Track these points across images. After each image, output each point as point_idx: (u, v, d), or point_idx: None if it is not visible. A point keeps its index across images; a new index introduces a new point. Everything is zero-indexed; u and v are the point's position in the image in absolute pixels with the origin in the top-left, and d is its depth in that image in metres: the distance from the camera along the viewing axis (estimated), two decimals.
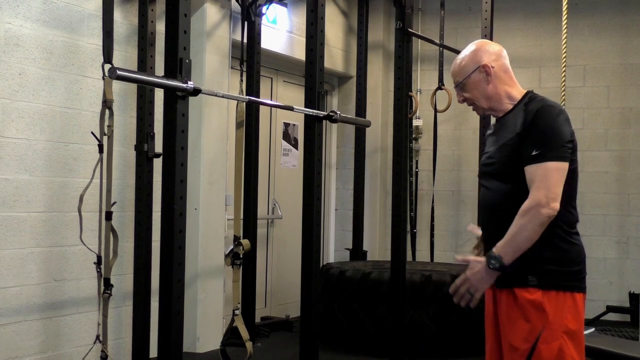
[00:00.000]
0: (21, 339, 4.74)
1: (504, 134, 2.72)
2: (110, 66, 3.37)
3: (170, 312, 3.56)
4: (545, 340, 2.54)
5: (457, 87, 2.82)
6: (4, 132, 4.59)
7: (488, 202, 2.75)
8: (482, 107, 2.79)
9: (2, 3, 4.47)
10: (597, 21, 7.65)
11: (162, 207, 3.63)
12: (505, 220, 2.61)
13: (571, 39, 6.61)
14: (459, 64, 2.81)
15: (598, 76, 7.70)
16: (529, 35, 7.73)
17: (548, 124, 2.57)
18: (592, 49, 7.67)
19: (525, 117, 2.63)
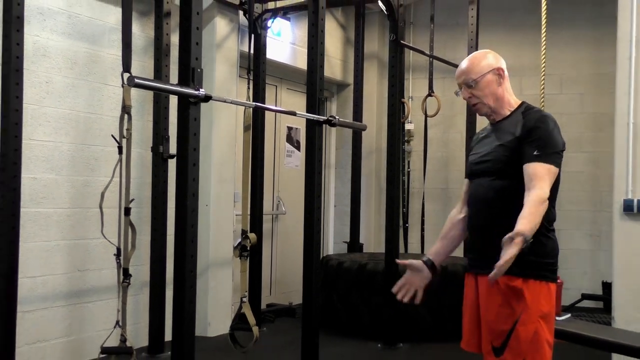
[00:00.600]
0: (48, 324, 4.74)
1: (500, 136, 2.71)
2: (128, 75, 3.36)
3: (184, 300, 3.56)
4: (523, 322, 2.56)
5: (468, 84, 2.75)
6: (33, 135, 4.59)
7: (480, 198, 2.73)
8: (489, 105, 2.75)
9: (30, 17, 4.46)
10: (573, 34, 7.65)
11: (176, 204, 3.63)
12: (497, 213, 2.65)
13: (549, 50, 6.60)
14: (475, 63, 2.76)
15: (574, 84, 7.71)
16: (511, 47, 7.72)
17: (547, 132, 2.62)
18: (568, 60, 7.67)
19: (525, 123, 2.66)
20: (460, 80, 2.79)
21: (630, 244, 4.75)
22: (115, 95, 5.05)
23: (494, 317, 2.61)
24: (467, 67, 2.77)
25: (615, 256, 4.82)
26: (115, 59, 5.07)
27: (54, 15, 4.76)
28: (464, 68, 2.78)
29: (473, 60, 2.78)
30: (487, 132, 2.86)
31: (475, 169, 2.79)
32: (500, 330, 2.58)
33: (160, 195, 5.23)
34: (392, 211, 5.92)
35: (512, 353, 2.55)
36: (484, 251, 2.69)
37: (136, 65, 5.21)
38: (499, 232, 2.63)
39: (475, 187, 2.77)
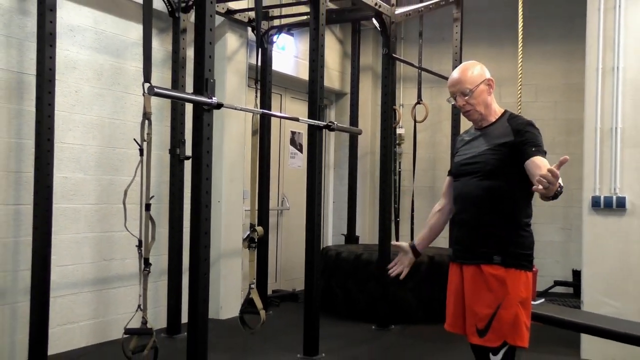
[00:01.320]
0: (77, 307, 4.75)
1: (489, 141, 2.69)
2: (149, 85, 3.35)
3: (198, 286, 3.56)
4: (504, 307, 2.56)
5: (464, 93, 2.71)
6: (64, 139, 4.59)
7: (468, 196, 2.71)
8: (480, 112, 2.72)
9: (61, 34, 4.46)
10: (547, 49, 7.64)
11: (191, 200, 3.63)
12: (484, 210, 2.65)
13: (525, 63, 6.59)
14: (469, 74, 2.72)
15: (547, 93, 7.70)
16: (491, 60, 7.69)
17: (536, 135, 2.62)
18: (542, 71, 7.67)
19: (514, 128, 2.64)
20: (455, 89, 2.74)
21: (597, 236, 4.75)
22: (137, 103, 5.05)
23: (478, 302, 2.60)
24: (462, 78, 2.73)
25: (584, 247, 4.82)
26: (137, 70, 5.07)
27: (83, 31, 4.76)
28: (459, 78, 2.73)
29: (466, 71, 2.74)
30: (472, 135, 2.83)
31: (463, 169, 2.76)
32: (484, 314, 2.57)
33: (177, 192, 5.23)
34: (384, 207, 5.92)
35: (495, 334, 2.55)
36: (469, 244, 2.68)
37: (156, 76, 5.22)
38: (484, 227, 2.64)
39: (462, 186, 2.75)
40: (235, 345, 4.88)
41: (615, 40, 4.75)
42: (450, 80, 2.79)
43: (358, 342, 5.21)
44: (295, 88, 7.37)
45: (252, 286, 4.14)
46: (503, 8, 7.54)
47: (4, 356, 4.24)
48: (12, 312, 4.29)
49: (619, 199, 4.68)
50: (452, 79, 2.77)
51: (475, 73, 2.73)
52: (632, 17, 4.72)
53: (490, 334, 2.56)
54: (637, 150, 4.70)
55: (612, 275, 4.68)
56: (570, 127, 7.50)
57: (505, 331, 2.55)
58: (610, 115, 4.75)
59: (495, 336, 2.55)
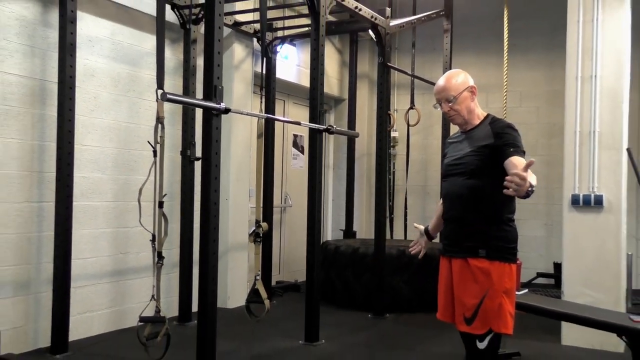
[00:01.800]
0: (96, 297, 4.75)
1: (472, 143, 2.69)
2: (162, 91, 3.36)
3: (208, 277, 3.57)
4: (490, 297, 2.56)
5: (449, 100, 2.71)
6: (83, 141, 4.60)
7: (454, 194, 2.71)
8: (463, 117, 2.73)
9: (81, 44, 4.47)
10: (530, 58, 7.65)
11: (201, 198, 3.64)
12: (468, 207, 2.65)
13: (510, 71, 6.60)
14: (453, 83, 2.72)
15: (530, 99, 7.71)
16: (478, 68, 7.71)
17: (515, 136, 2.63)
18: (526, 79, 7.67)
19: (494, 131, 2.64)
20: (440, 96, 2.74)
21: (576, 232, 4.75)
22: (150, 108, 5.05)
23: (466, 292, 2.61)
24: (446, 85, 2.72)
25: (565, 241, 4.83)
26: (151, 78, 5.07)
27: (101, 42, 4.76)
28: (444, 86, 2.73)
29: (450, 80, 2.74)
30: (458, 138, 2.84)
31: (450, 170, 2.76)
32: (471, 304, 2.58)
33: (188, 191, 5.24)
34: (380, 204, 5.93)
35: (481, 322, 2.56)
36: (457, 239, 2.69)
37: (168, 83, 5.23)
38: (470, 223, 2.64)
39: (449, 185, 2.76)
40: (242, 332, 4.89)
41: (593, 51, 4.75)
42: (435, 88, 2.79)
43: (355, 330, 5.21)
44: (297, 94, 7.38)
45: (258, 277, 4.15)
46: (490, 21, 7.55)
47: (28, 341, 4.25)
48: (36, 301, 4.29)
49: (596, 197, 4.68)
50: (437, 86, 2.77)
51: (459, 81, 2.73)
52: (609, 30, 4.73)
53: (477, 322, 2.56)
54: (613, 153, 4.70)
55: (590, 267, 4.68)
56: (551, 130, 7.51)
57: (490, 319, 2.55)
58: (588, 120, 4.75)
59: (481, 324, 2.56)
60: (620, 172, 4.69)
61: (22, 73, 4.19)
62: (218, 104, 3.55)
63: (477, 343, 2.58)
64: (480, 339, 2.58)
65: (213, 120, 3.58)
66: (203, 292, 3.58)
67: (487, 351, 2.58)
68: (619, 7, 4.72)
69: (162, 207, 3.46)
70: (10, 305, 4.13)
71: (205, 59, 3.59)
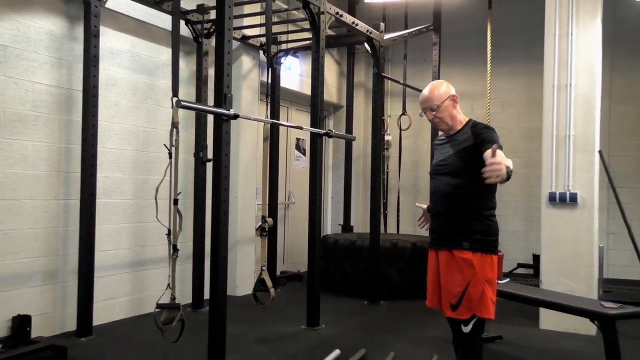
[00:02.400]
0: (116, 286, 4.76)
1: (455, 146, 2.69)
2: (177, 99, 3.36)
3: (218, 268, 3.57)
4: (473, 285, 2.57)
5: (432, 108, 2.72)
6: (105, 144, 4.61)
7: (440, 192, 2.72)
8: (447, 123, 2.73)
9: (103, 56, 4.47)
10: (511, 69, 7.65)
11: (212, 196, 3.64)
12: (453, 203, 2.65)
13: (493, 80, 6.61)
14: (435, 94, 2.72)
15: (511, 106, 7.71)
16: (464, 78, 7.72)
17: (492, 134, 2.61)
18: (507, 87, 7.68)
19: (474, 133, 2.65)
20: (425, 105, 2.75)
21: (553, 226, 4.76)
22: (166, 114, 5.06)
23: (451, 281, 2.61)
24: (430, 96, 2.73)
25: (543, 235, 4.83)
26: (167, 87, 5.08)
27: (121, 54, 4.77)
28: (428, 96, 2.74)
29: (434, 90, 2.74)
30: (443, 141, 2.84)
31: (436, 170, 2.78)
32: (456, 292, 2.58)
33: (200, 189, 5.24)
34: (375, 201, 5.93)
35: (465, 308, 2.57)
36: (443, 233, 2.69)
37: (182, 92, 5.24)
38: (455, 218, 2.65)
39: (436, 184, 2.77)
40: (249, 318, 4.89)
41: (568, 62, 4.75)
42: (420, 97, 2.79)
43: (353, 315, 5.21)
44: (300, 101, 7.38)
45: (264, 268, 4.15)
46: (475, 35, 7.55)
47: (56, 326, 4.26)
48: (63, 289, 4.30)
49: (571, 194, 4.69)
50: (422, 97, 2.78)
51: (441, 91, 2.73)
52: (582, 43, 4.73)
53: (461, 308, 2.57)
54: (586, 154, 4.71)
55: (566, 258, 4.69)
56: (530, 134, 7.51)
57: (473, 306, 2.56)
58: (564, 125, 4.76)
59: (465, 310, 2.57)
60: (593, 172, 4.70)
61: (51, 83, 4.19)
62: (228, 110, 3.55)
63: (462, 327, 2.59)
64: (465, 324, 2.59)
65: (223, 125, 3.59)
66: (214, 281, 3.58)
67: (471, 334, 2.59)
68: (591, 23, 4.72)
69: (176, 204, 3.46)
70: (40, 293, 4.14)
71: (216, 69, 3.60)
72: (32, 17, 4.06)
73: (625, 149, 7.22)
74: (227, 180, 3.62)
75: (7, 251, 3.93)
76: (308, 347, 4.10)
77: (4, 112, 3.91)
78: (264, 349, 4.03)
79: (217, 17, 3.60)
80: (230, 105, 3.58)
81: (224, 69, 3.55)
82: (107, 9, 4.53)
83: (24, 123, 4.02)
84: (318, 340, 4.33)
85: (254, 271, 5.99)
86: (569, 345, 4.30)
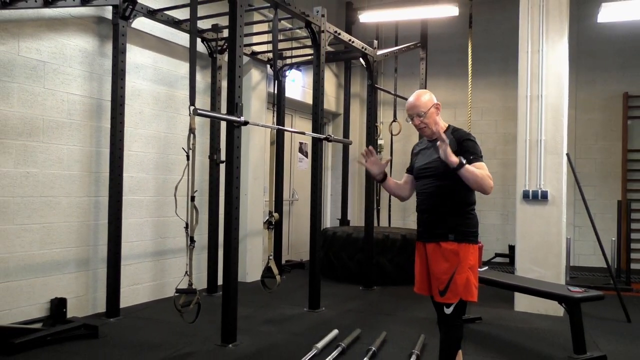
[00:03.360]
0: (141, 273, 4.77)
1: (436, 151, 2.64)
2: (193, 107, 3.38)
3: (230, 257, 3.59)
4: (458, 272, 2.56)
5: (419, 115, 2.67)
6: (131, 148, 4.62)
7: (426, 192, 2.69)
8: (432, 129, 2.69)
9: (130, 70, 4.49)
10: (489, 81, 7.65)
11: (225, 193, 3.65)
12: (437, 202, 2.64)
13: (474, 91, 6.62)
14: (422, 101, 2.68)
15: (490, 114, 7.71)
16: (448, 89, 7.73)
17: (474, 144, 2.63)
18: (486, 97, 7.68)
19: (457, 140, 2.63)
20: (412, 111, 2.71)
21: (526, 220, 4.77)
22: (184, 121, 5.07)
23: (439, 270, 2.59)
24: (417, 103, 2.70)
25: (517, 228, 4.84)
26: (185, 97, 5.10)
27: (145, 68, 4.78)
28: (415, 103, 2.70)
29: (420, 98, 2.71)
30: (425, 144, 2.80)
31: (422, 173, 2.73)
32: (443, 279, 2.57)
33: (214, 188, 5.25)
34: (369, 198, 5.94)
35: (452, 293, 2.55)
36: (430, 227, 2.67)
37: (199, 101, 5.25)
38: (440, 214, 2.63)
39: (422, 185, 2.73)
40: (258, 302, 4.90)
41: (539, 75, 4.77)
42: (408, 104, 2.74)
43: (350, 299, 5.22)
44: (302, 110, 7.39)
45: (270, 257, 4.15)
46: (457, 51, 7.57)
47: (88, 308, 4.28)
48: (94, 275, 4.32)
49: (542, 192, 4.70)
50: (409, 104, 2.73)
51: (426, 99, 2.70)
52: (551, 58, 4.74)
53: (449, 293, 2.55)
54: (555, 157, 4.72)
55: (537, 248, 4.70)
56: (506, 139, 7.52)
57: (459, 291, 2.55)
58: (536, 130, 4.77)
59: (452, 294, 2.55)
60: (561, 172, 4.71)
61: (83, 93, 4.21)
62: (239, 117, 3.57)
63: (445, 309, 2.59)
64: (447, 306, 2.58)
65: (235, 131, 3.60)
66: (227, 269, 3.60)
67: (452, 316, 2.58)
68: (559, 41, 4.74)
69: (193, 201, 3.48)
70: (74, 278, 4.16)
71: (229, 81, 3.61)
72: (68, 36, 4.08)
73: (589, 152, 7.23)
74: (238, 179, 3.64)
75: (45, 242, 3.95)
76: (310, 327, 4.12)
77: (43, 120, 3.93)
78: (270, 329, 4.05)
79: (230, 35, 3.62)
80: (241, 113, 3.60)
81: (236, 81, 3.56)
82: (133, 29, 4.55)
83: (60, 129, 4.04)
84: (319, 321, 4.34)
85: (262, 260, 6.00)
86: (540, 325, 4.32)
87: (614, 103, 7.13)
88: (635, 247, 6.69)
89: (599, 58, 7.21)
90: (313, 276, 4.68)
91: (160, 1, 4.73)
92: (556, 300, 3.68)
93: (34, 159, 3.87)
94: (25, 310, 3.80)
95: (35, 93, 3.87)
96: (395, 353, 3.50)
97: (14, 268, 3.74)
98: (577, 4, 7.09)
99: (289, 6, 4.24)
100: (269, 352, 3.47)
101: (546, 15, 4.75)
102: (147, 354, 3.39)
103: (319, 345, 3.49)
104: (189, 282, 3.40)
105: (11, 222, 3.73)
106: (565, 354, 3.55)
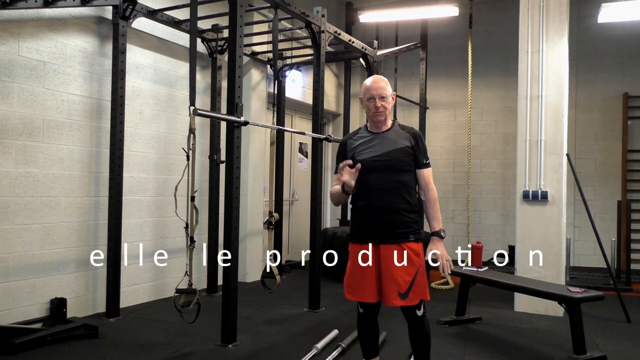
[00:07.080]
0: (141, 272, 4.78)
1: (393, 142, 2.56)
2: (193, 108, 3.38)
3: (230, 257, 3.58)
4: (420, 273, 2.52)
5: (383, 97, 2.56)
6: (131, 148, 4.62)
7: (386, 187, 2.53)
8: (386, 115, 2.59)
9: (130, 70, 4.49)
10: (489, 81, 7.65)
11: (225, 193, 3.65)
12: (399, 197, 2.53)
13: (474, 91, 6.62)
14: (387, 85, 2.59)
15: (490, 114, 7.71)
16: (448, 89, 7.73)
17: (425, 146, 2.62)
18: (486, 97, 7.68)
19: (411, 135, 2.58)
20: (377, 92, 2.55)
21: (526, 220, 4.77)
22: (184, 122, 5.08)
23: (401, 272, 2.48)
24: (384, 85, 2.58)
25: (517, 228, 4.84)
26: (185, 97, 5.10)
27: (145, 68, 4.79)
28: (382, 85, 2.57)
29: (384, 81, 2.61)
30: (366, 137, 2.63)
31: (377, 165, 2.54)
32: (406, 280, 2.48)
33: (214, 188, 5.25)
34: None
35: (414, 294, 2.49)
36: (387, 227, 2.52)
37: (198, 101, 5.26)
38: (400, 212, 2.53)
39: (377, 178, 2.53)
40: (257, 301, 4.91)
41: (539, 75, 4.77)
42: (373, 84, 2.58)
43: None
44: (302, 110, 7.39)
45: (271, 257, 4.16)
46: (457, 51, 7.57)
47: (88, 307, 4.28)
48: (94, 275, 4.32)
49: (542, 192, 4.70)
50: (375, 83, 2.57)
51: (388, 85, 2.63)
52: (551, 59, 4.75)
53: (411, 294, 2.49)
54: (555, 157, 4.72)
55: (537, 249, 4.69)
56: (506, 138, 7.52)
57: (421, 291, 2.52)
58: (536, 131, 4.77)
59: (414, 295, 2.49)
60: (561, 172, 4.71)
61: (83, 94, 4.21)
62: (239, 117, 3.57)
63: (417, 312, 2.54)
64: (418, 308, 2.54)
65: (235, 131, 3.60)
66: (227, 269, 3.60)
67: (423, 315, 2.56)
68: (559, 41, 4.74)
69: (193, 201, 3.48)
70: (74, 278, 4.17)
71: (229, 81, 3.61)
72: (68, 36, 4.08)
73: (589, 152, 7.24)
74: (238, 179, 3.64)
75: (45, 242, 3.96)
76: (310, 327, 4.12)
77: (43, 120, 3.93)
78: (270, 329, 4.05)
79: (230, 35, 3.62)
80: (241, 113, 3.60)
81: (236, 81, 3.56)
82: (133, 29, 4.55)
83: (60, 129, 4.04)
84: (318, 321, 4.34)
85: (262, 260, 6.00)
86: (540, 325, 4.32)
87: (613, 103, 7.14)
88: (635, 248, 6.69)
89: (599, 58, 7.21)
90: (313, 276, 4.68)
91: (160, 1, 4.73)
92: (556, 300, 3.68)
93: (34, 159, 3.87)
94: (25, 310, 3.80)
95: (35, 93, 3.87)
96: (395, 353, 3.50)
97: (14, 268, 3.74)
98: (577, 4, 7.10)
99: (289, 6, 4.24)
100: (269, 352, 3.47)
101: (546, 15, 4.75)
102: (147, 354, 3.39)
103: (319, 345, 3.49)
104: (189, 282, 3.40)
105: (11, 222, 3.73)
106: (565, 354, 3.55)
